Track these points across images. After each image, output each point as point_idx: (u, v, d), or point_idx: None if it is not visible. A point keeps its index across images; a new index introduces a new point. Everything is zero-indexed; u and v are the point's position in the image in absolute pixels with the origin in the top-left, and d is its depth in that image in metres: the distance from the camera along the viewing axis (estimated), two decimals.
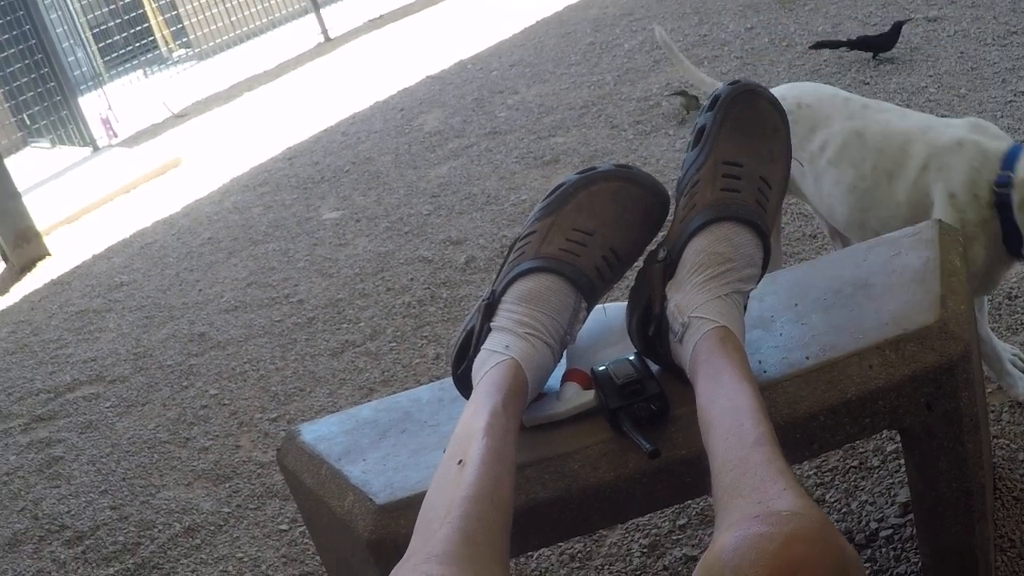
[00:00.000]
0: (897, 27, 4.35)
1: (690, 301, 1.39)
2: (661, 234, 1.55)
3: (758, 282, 1.47)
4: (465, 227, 4.07)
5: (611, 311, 1.65)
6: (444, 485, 1.17)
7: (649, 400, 1.41)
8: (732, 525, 0.95)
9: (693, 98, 4.53)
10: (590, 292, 1.48)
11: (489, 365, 1.40)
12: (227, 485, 2.80)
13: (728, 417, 1.18)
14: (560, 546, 2.14)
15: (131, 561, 2.58)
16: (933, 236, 1.69)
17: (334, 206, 4.81)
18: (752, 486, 1.02)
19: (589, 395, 1.48)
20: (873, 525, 1.96)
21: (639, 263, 1.54)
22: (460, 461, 1.19)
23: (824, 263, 1.76)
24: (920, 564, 1.80)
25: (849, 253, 1.76)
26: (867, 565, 1.88)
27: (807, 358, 1.47)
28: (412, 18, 9.84)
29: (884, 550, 1.90)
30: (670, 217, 1.54)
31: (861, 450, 2.15)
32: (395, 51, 8.37)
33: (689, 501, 2.11)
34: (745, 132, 1.48)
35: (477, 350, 1.46)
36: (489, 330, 1.46)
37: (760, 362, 1.49)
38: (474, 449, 1.20)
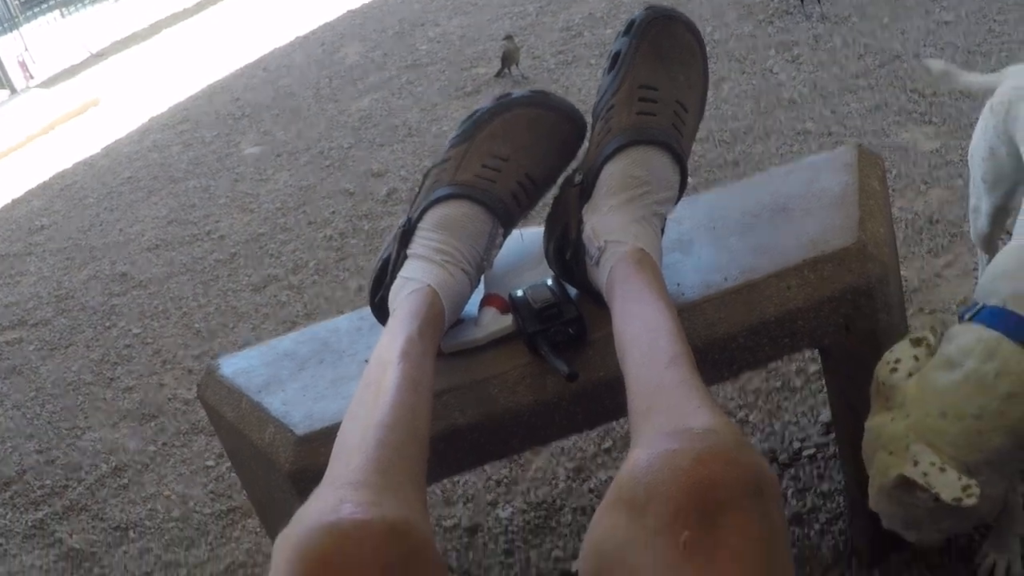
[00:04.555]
0: None
1: (606, 224, 1.38)
2: (578, 159, 1.54)
3: (675, 205, 1.46)
4: (386, 159, 4.03)
5: (528, 236, 1.64)
6: (359, 414, 1.15)
7: (567, 324, 1.40)
8: (645, 443, 0.94)
9: (515, 49, 4.52)
10: (506, 218, 1.47)
11: (405, 292, 1.38)
12: (152, 424, 2.78)
13: (643, 337, 1.17)
14: (486, 472, 2.14)
15: (59, 504, 2.54)
16: (852, 160, 1.69)
17: (255, 141, 4.75)
18: (667, 405, 1.02)
19: (507, 320, 1.47)
20: (796, 445, 1.98)
21: (556, 188, 1.53)
22: (375, 389, 1.17)
23: (742, 187, 1.76)
24: (843, 482, 1.82)
25: (767, 177, 1.76)
26: (790, 483, 1.90)
27: (725, 280, 1.47)
28: None
29: (807, 468, 1.92)
30: (587, 142, 1.53)
31: (783, 371, 2.17)
32: None
33: (613, 424, 2.12)
34: (661, 56, 1.47)
35: (393, 278, 1.44)
36: (405, 257, 1.44)
37: (678, 284, 1.48)
38: (389, 377, 1.19)
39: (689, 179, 1.46)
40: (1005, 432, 1.29)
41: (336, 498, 0.94)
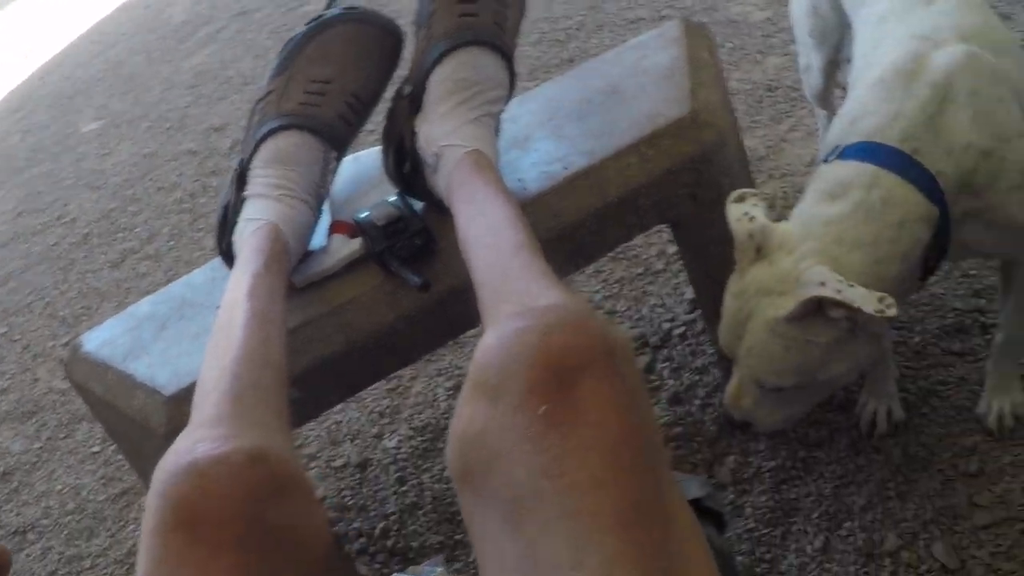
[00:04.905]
0: None
1: (439, 130, 1.37)
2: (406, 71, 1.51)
3: (506, 103, 1.45)
4: (226, 112, 3.96)
5: (363, 158, 1.62)
6: (213, 358, 1.14)
7: (413, 236, 1.40)
8: (494, 327, 0.93)
9: None
10: (337, 141, 1.45)
11: (247, 233, 1.36)
12: (33, 421, 2.71)
13: (486, 231, 1.17)
14: (367, 405, 2.13)
15: None
16: (678, 34, 1.69)
17: (93, 117, 4.62)
18: (514, 290, 1.01)
19: (356, 243, 1.45)
20: (666, 326, 2.00)
21: (385, 103, 1.51)
22: (226, 330, 1.16)
23: (573, 76, 1.75)
24: (715, 354, 1.84)
25: (597, 63, 1.76)
26: (665, 364, 1.92)
27: (566, 168, 1.47)
28: None
29: (680, 348, 1.94)
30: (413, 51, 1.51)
31: (644, 257, 2.19)
32: None
33: None
34: None
35: (235, 222, 1.42)
36: (243, 199, 1.42)
37: (520, 180, 1.48)
38: (239, 315, 1.17)
39: (528, 82, 1.45)
40: (900, 259, 1.30)
41: (191, 440, 0.93)
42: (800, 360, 1.29)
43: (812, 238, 1.29)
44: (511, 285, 1.03)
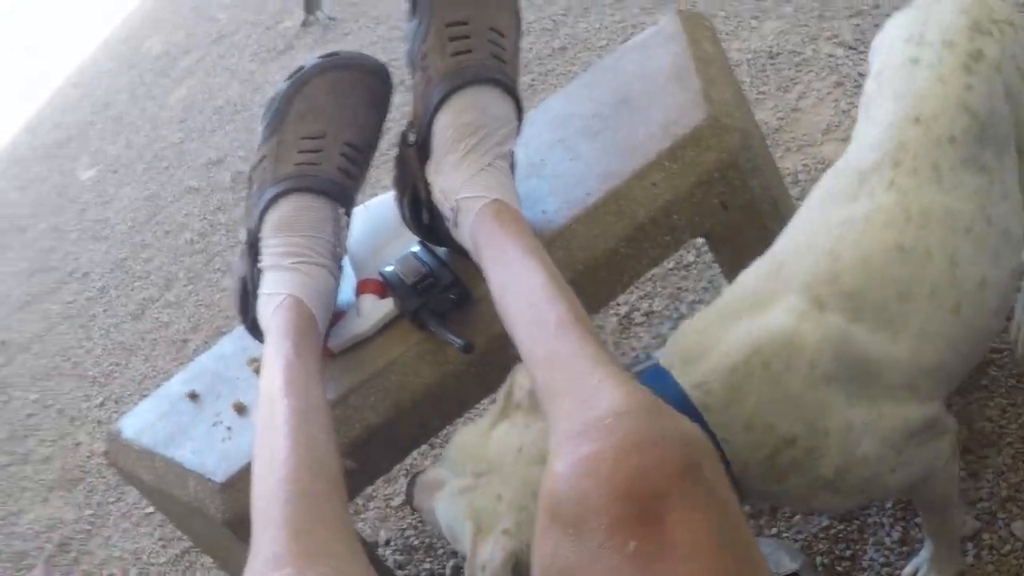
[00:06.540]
0: None
1: (452, 183, 1.32)
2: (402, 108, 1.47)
3: (517, 138, 1.40)
4: (221, 144, 3.91)
5: (375, 207, 1.58)
6: (262, 472, 1.11)
7: (446, 290, 1.36)
8: (559, 446, 0.89)
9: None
10: (343, 196, 1.41)
11: (270, 310, 1.33)
12: (81, 487, 2.68)
13: (523, 304, 1.12)
14: None
15: None
16: (676, 29, 1.64)
17: (89, 164, 4.58)
18: (568, 382, 0.97)
19: (388, 304, 1.41)
20: None
21: (385, 144, 1.47)
22: (270, 434, 1.13)
23: (577, 87, 1.71)
24: None
25: (599, 72, 1.71)
26: None
27: (588, 195, 1.43)
28: None
29: None
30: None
31: None
32: None
33: None
34: None
35: (256, 297, 1.38)
36: (260, 272, 1.38)
37: (544, 212, 1.43)
38: (278, 417, 1.14)
39: (524, 76, 1.40)
40: None
41: None
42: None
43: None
44: (562, 375, 0.99)
